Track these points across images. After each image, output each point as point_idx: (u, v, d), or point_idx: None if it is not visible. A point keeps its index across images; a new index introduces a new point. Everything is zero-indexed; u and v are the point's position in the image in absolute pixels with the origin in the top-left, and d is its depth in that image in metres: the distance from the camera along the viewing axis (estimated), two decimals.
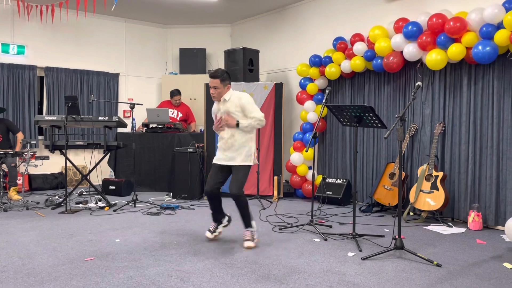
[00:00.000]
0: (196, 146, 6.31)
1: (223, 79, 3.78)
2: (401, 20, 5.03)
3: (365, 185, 5.84)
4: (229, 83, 3.84)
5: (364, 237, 4.09)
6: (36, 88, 7.11)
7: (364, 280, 2.99)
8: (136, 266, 3.24)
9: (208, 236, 4.01)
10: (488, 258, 3.52)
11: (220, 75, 3.77)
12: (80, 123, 5.45)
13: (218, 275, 3.07)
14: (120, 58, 8.01)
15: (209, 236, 4.00)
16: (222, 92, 3.81)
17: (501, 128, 4.47)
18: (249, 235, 3.80)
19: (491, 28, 4.24)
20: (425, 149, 5.11)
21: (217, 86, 3.77)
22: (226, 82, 3.81)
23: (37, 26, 7.12)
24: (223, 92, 3.82)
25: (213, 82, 3.77)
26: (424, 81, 5.11)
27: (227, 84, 3.82)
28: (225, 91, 3.83)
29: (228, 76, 3.83)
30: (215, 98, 3.85)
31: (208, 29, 8.41)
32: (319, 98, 6.19)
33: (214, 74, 3.77)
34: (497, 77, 4.47)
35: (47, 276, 3.02)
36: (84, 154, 7.28)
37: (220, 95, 3.82)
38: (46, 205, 5.51)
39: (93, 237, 4.04)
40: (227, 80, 3.82)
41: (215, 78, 3.76)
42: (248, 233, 3.81)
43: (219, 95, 3.81)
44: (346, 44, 5.80)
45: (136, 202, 5.60)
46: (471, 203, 4.65)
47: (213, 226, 4.04)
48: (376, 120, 3.78)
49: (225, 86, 3.80)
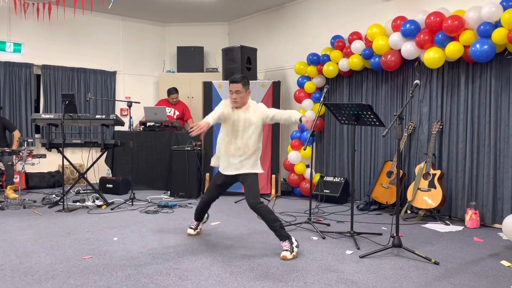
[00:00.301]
0: (193, 145, 6.30)
1: (244, 83, 3.61)
2: (399, 19, 5.04)
3: (363, 183, 5.85)
4: (249, 89, 3.70)
5: (362, 235, 4.09)
6: (33, 86, 7.08)
7: (362, 278, 2.99)
8: (134, 264, 3.23)
9: (191, 233, 4.07)
10: (486, 256, 3.53)
11: (241, 79, 3.59)
12: (77, 121, 5.43)
13: (217, 273, 3.07)
14: (117, 56, 7.98)
15: (192, 233, 4.07)
16: (245, 97, 3.63)
17: (499, 126, 4.48)
18: (287, 246, 3.42)
19: (488, 27, 4.24)
20: (422, 147, 5.12)
21: (239, 90, 3.58)
22: (247, 87, 3.65)
23: (34, 24, 7.09)
24: (245, 99, 3.64)
25: (235, 87, 3.58)
26: (422, 80, 5.11)
27: (248, 88, 3.67)
28: (247, 98, 3.67)
29: (247, 81, 3.68)
30: (237, 104, 3.62)
31: (206, 27, 8.39)
32: (317, 97, 6.19)
33: (235, 79, 3.59)
34: (495, 75, 4.48)
35: (45, 274, 3.01)
36: (81, 153, 7.25)
37: (243, 100, 3.62)
38: (43, 203, 5.49)
39: (90, 236, 4.03)
40: (248, 85, 3.67)
41: (237, 83, 3.58)
42: (286, 244, 3.43)
43: (242, 100, 3.61)
44: (344, 43, 5.80)
45: (134, 200, 5.59)
46: (469, 201, 4.67)
47: (195, 224, 4.09)
48: (374, 118, 3.79)
49: (246, 90, 3.64)
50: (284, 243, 3.43)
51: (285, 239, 3.44)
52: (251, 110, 3.68)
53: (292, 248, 3.40)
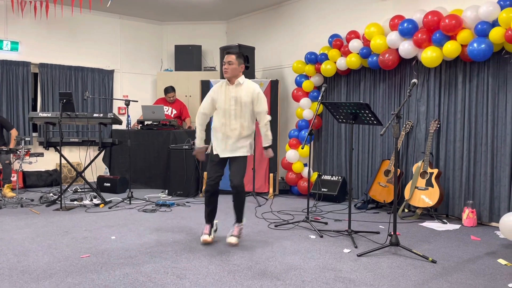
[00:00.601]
0: (191, 143, 6.30)
1: (238, 56, 3.67)
2: (397, 18, 5.04)
3: (361, 182, 5.86)
4: (243, 64, 3.70)
5: (360, 233, 4.10)
6: (30, 85, 7.06)
7: (360, 277, 3.00)
8: (132, 263, 3.23)
9: (207, 239, 3.71)
10: (483, 254, 3.54)
11: (236, 52, 3.70)
12: (74, 120, 5.42)
13: (215, 271, 3.07)
14: (115, 54, 7.97)
15: (208, 240, 3.71)
16: (236, 70, 3.66)
17: (496, 125, 4.49)
18: (237, 231, 3.72)
19: (486, 26, 4.25)
20: (420, 146, 5.13)
21: (231, 61, 3.63)
22: (241, 60, 3.68)
23: (31, 22, 7.07)
24: (236, 71, 3.66)
25: (228, 57, 3.64)
26: (420, 79, 5.12)
27: (242, 63, 3.69)
28: (239, 71, 3.69)
29: (244, 58, 3.72)
30: (227, 74, 3.66)
31: (204, 26, 8.39)
32: (315, 95, 6.20)
33: (230, 50, 3.72)
34: (492, 74, 4.50)
35: (42, 273, 3.01)
36: (79, 151, 7.23)
37: (234, 72, 3.65)
38: (41, 202, 5.48)
39: (88, 234, 4.03)
40: (242, 59, 3.69)
41: (231, 54, 3.66)
42: (237, 229, 3.74)
43: (232, 71, 3.64)
44: (341, 41, 5.81)
45: (132, 199, 5.58)
46: (466, 200, 4.68)
47: (208, 228, 3.80)
48: (372, 117, 3.79)
49: (239, 64, 3.66)
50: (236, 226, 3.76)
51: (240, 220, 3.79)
52: (243, 88, 3.71)
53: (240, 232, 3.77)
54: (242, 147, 3.70)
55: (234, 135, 3.68)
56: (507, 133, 4.38)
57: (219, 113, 3.72)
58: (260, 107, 3.72)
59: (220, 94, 3.72)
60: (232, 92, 3.69)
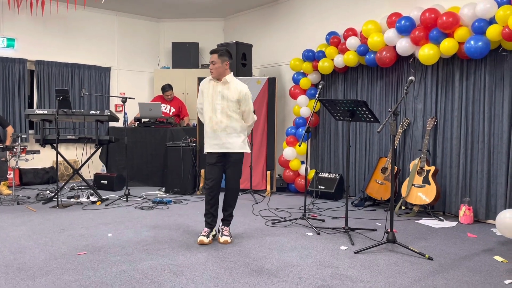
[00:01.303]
0: (188, 141, 6.29)
1: (221, 54, 3.64)
2: (394, 15, 5.04)
3: (358, 179, 5.86)
4: (227, 61, 3.67)
5: (357, 231, 4.11)
6: (27, 82, 7.02)
7: (357, 273, 3.00)
8: (128, 260, 3.23)
9: (203, 241, 3.64)
10: (479, 252, 3.55)
11: (218, 50, 3.67)
12: (71, 117, 5.39)
13: (212, 268, 3.07)
14: (111, 51, 7.94)
15: (205, 241, 3.65)
16: (220, 69, 3.65)
17: (492, 123, 4.50)
18: (227, 231, 3.79)
19: (483, 23, 4.26)
20: (417, 144, 5.14)
21: (214, 61, 3.63)
22: (224, 58, 3.65)
23: (27, 19, 7.03)
24: (221, 69, 3.65)
25: (211, 57, 3.65)
26: (417, 76, 5.12)
27: (226, 61, 3.66)
28: (224, 69, 3.66)
29: (227, 54, 3.68)
30: (213, 74, 3.67)
31: (201, 23, 8.36)
32: (312, 93, 6.19)
33: (213, 49, 3.69)
34: (489, 72, 4.50)
35: (39, 270, 3.00)
36: (75, 149, 7.21)
37: (218, 71, 3.65)
38: (37, 199, 5.46)
39: (85, 232, 4.02)
40: (226, 57, 3.66)
41: (213, 53, 3.66)
42: (227, 229, 3.81)
43: (216, 71, 3.65)
44: (339, 39, 5.80)
45: (128, 196, 5.57)
46: (462, 197, 4.69)
47: (207, 231, 3.73)
48: (369, 114, 3.79)
49: (223, 62, 3.64)
50: (226, 228, 3.80)
51: (229, 224, 3.85)
52: (231, 87, 3.69)
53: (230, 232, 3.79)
54: (233, 143, 3.68)
55: (220, 128, 3.65)
56: (503, 130, 4.39)
57: (207, 108, 3.72)
58: (245, 106, 3.71)
59: (208, 88, 3.75)
60: (219, 88, 3.70)
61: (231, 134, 3.68)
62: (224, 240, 3.69)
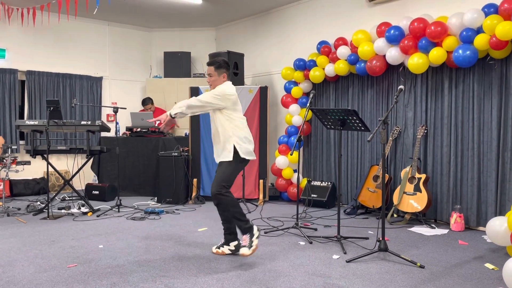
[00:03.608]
0: (181, 150, 6.27)
1: (218, 66, 3.58)
2: (384, 24, 5.10)
3: (350, 187, 5.88)
4: (225, 72, 3.61)
5: (349, 239, 4.11)
6: (17, 92, 6.99)
7: (349, 283, 3.00)
8: (119, 272, 3.20)
9: (212, 250, 3.71)
10: (470, 259, 3.57)
11: (215, 62, 3.61)
12: (62, 128, 5.37)
13: (203, 280, 3.05)
14: (103, 61, 7.93)
15: (213, 250, 3.69)
16: (217, 81, 3.60)
17: (482, 130, 4.55)
18: (247, 241, 3.40)
19: (471, 33, 4.32)
20: (408, 152, 5.17)
21: (211, 74, 3.60)
22: (221, 70, 3.59)
23: (18, 29, 7.01)
24: (218, 82, 3.60)
25: (208, 70, 3.62)
26: (407, 85, 5.17)
27: (223, 72, 3.60)
28: (221, 81, 3.61)
29: (225, 65, 3.62)
30: (211, 87, 3.65)
31: (193, 32, 8.39)
32: (304, 102, 6.22)
33: (210, 61, 3.63)
34: (477, 80, 4.56)
35: (28, 283, 2.96)
36: (66, 159, 7.17)
37: (215, 83, 3.60)
38: (28, 211, 5.41)
39: (75, 243, 3.98)
40: (223, 69, 3.61)
41: (210, 65, 3.61)
42: (246, 239, 3.41)
43: (214, 83, 3.61)
44: (330, 48, 5.85)
45: (120, 207, 5.53)
46: (453, 204, 4.72)
47: (221, 241, 3.71)
48: (360, 123, 3.82)
49: (220, 74, 3.58)
50: (244, 237, 3.41)
51: (246, 232, 3.42)
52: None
53: (251, 242, 3.36)
54: (223, 152, 3.58)
55: (215, 141, 3.66)
56: (493, 138, 4.44)
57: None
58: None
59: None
60: None
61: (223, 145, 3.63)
62: (240, 252, 3.43)
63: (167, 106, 7.65)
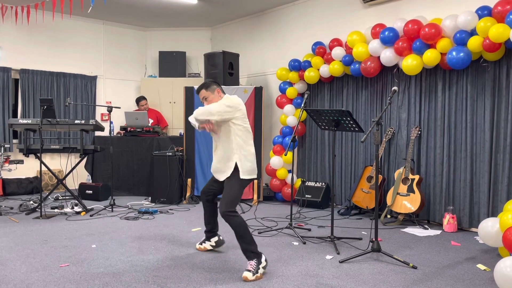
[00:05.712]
0: (175, 150, 6.26)
1: (207, 86, 3.49)
2: (378, 26, 5.11)
3: (344, 188, 5.89)
4: (217, 88, 3.51)
5: (342, 240, 4.12)
6: (11, 91, 6.94)
7: (342, 283, 3.01)
8: (112, 272, 3.19)
9: (196, 246, 3.85)
10: (462, 260, 3.59)
11: (203, 85, 3.51)
12: (55, 127, 5.34)
13: (196, 280, 3.05)
14: (98, 60, 7.90)
15: (196, 246, 3.85)
16: (216, 98, 3.47)
17: (475, 132, 4.58)
18: (252, 266, 3.11)
19: (464, 35, 4.34)
20: (401, 153, 5.19)
21: (205, 96, 3.48)
22: (212, 87, 3.49)
23: (12, 27, 6.97)
24: (216, 99, 3.47)
25: (200, 95, 3.50)
26: (401, 86, 5.19)
27: (215, 89, 3.50)
28: (219, 97, 3.49)
29: (213, 82, 3.53)
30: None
31: (188, 32, 8.38)
32: (299, 102, 6.23)
33: (198, 88, 3.52)
34: (471, 82, 4.59)
35: (20, 283, 2.94)
36: (60, 158, 7.13)
37: (214, 101, 3.46)
38: (20, 210, 5.38)
39: (68, 243, 3.96)
40: (213, 85, 3.51)
41: (200, 90, 3.50)
42: (252, 264, 3.13)
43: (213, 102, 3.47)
44: (324, 49, 5.86)
45: (114, 206, 5.52)
46: (446, 205, 4.74)
47: (202, 239, 3.82)
48: (354, 124, 3.83)
49: (213, 91, 3.47)
50: (250, 262, 3.14)
51: (252, 257, 3.15)
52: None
53: (257, 269, 3.10)
54: (225, 171, 3.39)
55: (215, 156, 3.49)
56: (485, 139, 4.46)
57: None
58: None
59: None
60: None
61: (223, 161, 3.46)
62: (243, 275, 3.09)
63: (162, 106, 7.64)
